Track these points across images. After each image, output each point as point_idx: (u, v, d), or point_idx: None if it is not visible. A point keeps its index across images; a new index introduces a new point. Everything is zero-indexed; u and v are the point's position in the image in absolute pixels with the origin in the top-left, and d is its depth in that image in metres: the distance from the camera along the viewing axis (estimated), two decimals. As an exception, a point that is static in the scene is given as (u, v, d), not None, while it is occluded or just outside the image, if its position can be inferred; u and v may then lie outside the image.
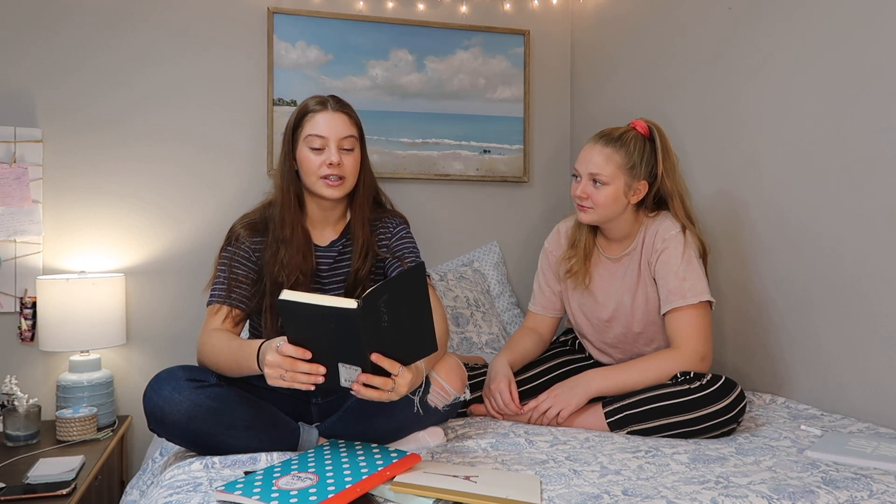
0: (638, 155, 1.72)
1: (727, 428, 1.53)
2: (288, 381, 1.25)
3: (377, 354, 1.22)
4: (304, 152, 1.61)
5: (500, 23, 2.85)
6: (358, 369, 1.24)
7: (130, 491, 1.59)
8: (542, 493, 1.15)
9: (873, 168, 1.59)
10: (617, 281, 1.82)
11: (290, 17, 2.60)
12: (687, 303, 1.66)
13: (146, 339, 2.48)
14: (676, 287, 1.68)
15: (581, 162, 1.75)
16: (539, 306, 1.96)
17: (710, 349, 1.66)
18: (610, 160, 1.71)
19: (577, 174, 1.76)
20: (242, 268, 1.61)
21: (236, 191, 2.55)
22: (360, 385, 1.24)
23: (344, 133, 1.61)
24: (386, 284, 1.19)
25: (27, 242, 2.34)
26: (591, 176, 1.72)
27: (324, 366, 1.24)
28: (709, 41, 2.12)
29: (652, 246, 1.74)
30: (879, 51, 1.58)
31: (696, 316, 1.66)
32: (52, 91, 2.38)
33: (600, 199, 1.72)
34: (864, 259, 1.62)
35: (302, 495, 1.08)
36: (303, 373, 1.24)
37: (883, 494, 1.14)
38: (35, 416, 2.05)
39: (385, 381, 1.24)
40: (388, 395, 1.26)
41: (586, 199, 1.74)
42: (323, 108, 1.62)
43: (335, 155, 1.58)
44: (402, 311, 1.21)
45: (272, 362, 1.26)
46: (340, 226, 1.72)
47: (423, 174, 2.76)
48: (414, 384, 1.32)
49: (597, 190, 1.72)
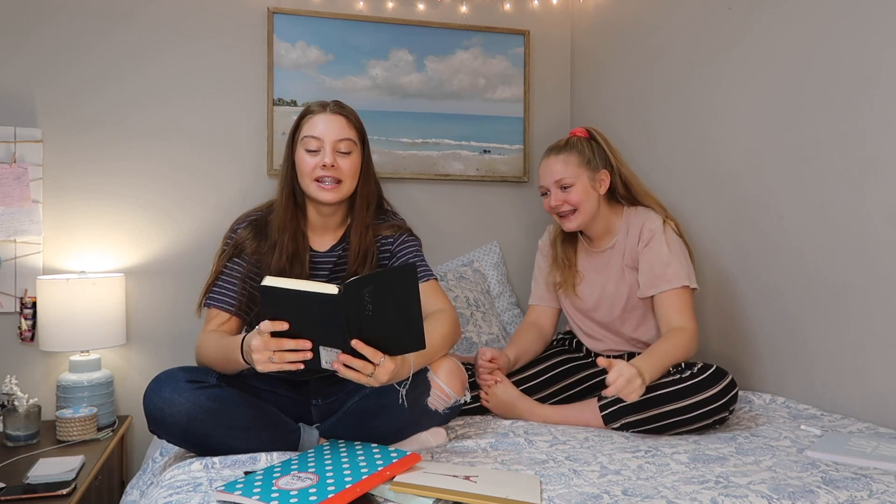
0: (588, 151, 1.87)
1: (719, 416, 1.56)
2: (277, 363, 1.25)
3: (359, 342, 1.23)
4: (300, 153, 1.61)
5: (500, 23, 2.85)
6: (338, 351, 1.25)
7: (130, 491, 1.59)
8: (542, 493, 1.15)
9: (873, 168, 1.59)
10: (601, 273, 1.91)
11: (290, 17, 2.60)
12: (672, 286, 1.75)
13: (146, 339, 2.48)
14: (661, 272, 1.77)
15: (543, 176, 1.89)
16: (538, 297, 2.05)
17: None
18: (567, 163, 1.85)
19: (545, 189, 1.89)
20: (244, 277, 1.61)
21: (236, 191, 2.55)
22: (340, 364, 1.25)
23: (340, 135, 1.60)
24: (373, 276, 1.20)
25: (27, 242, 2.34)
26: (558, 184, 1.85)
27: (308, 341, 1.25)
28: (709, 41, 2.12)
29: (638, 236, 1.83)
30: (880, 51, 1.58)
31: (683, 299, 1.75)
32: (51, 92, 2.38)
33: (574, 199, 1.83)
34: (864, 259, 1.62)
35: (302, 495, 1.08)
36: (290, 350, 1.24)
37: (883, 494, 1.14)
38: (35, 416, 2.05)
39: (364, 364, 1.25)
40: (367, 378, 1.26)
41: (563, 205, 1.85)
42: (322, 111, 1.62)
43: (329, 156, 1.58)
44: (389, 304, 1.22)
45: (257, 346, 1.26)
46: (340, 231, 1.71)
47: (423, 174, 2.76)
48: (398, 375, 1.33)
49: (567, 193, 1.84)
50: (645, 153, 2.40)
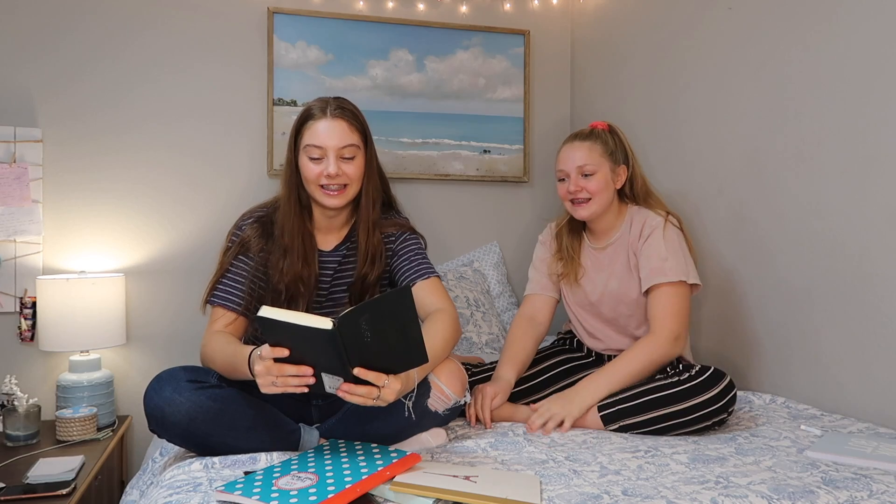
0: (612, 143, 1.85)
1: (717, 418, 1.55)
2: (280, 387, 1.26)
3: (361, 369, 1.23)
4: (303, 160, 1.60)
5: (500, 23, 2.85)
6: (341, 379, 1.25)
7: (130, 491, 1.59)
8: (542, 493, 1.15)
9: (873, 168, 1.59)
10: (603, 269, 1.88)
11: (290, 17, 2.60)
12: (666, 279, 1.72)
13: (146, 339, 2.48)
14: (658, 266, 1.74)
15: (564, 161, 1.84)
16: (538, 286, 1.96)
17: (684, 328, 1.73)
18: (592, 150, 1.82)
19: (564, 175, 1.84)
20: (250, 276, 1.61)
21: (237, 190, 2.55)
22: (345, 391, 1.25)
23: (343, 142, 1.58)
24: (368, 305, 1.19)
25: (27, 242, 2.34)
26: (580, 169, 1.81)
27: (310, 367, 1.25)
28: (709, 41, 2.12)
29: (640, 233, 1.81)
30: (880, 50, 1.58)
31: (673, 294, 1.72)
32: (51, 92, 2.38)
33: (593, 187, 1.80)
34: (864, 259, 1.62)
35: (302, 495, 1.08)
36: (292, 376, 1.25)
37: (883, 494, 1.14)
38: (35, 416, 2.05)
39: (369, 390, 1.25)
40: (373, 401, 1.26)
41: (581, 192, 1.81)
42: (322, 116, 1.59)
43: (333, 166, 1.57)
44: (387, 328, 1.21)
45: (260, 371, 1.27)
46: (345, 230, 1.71)
47: (423, 174, 2.76)
48: (403, 391, 1.33)
49: (587, 181, 1.81)
50: (645, 153, 2.40)
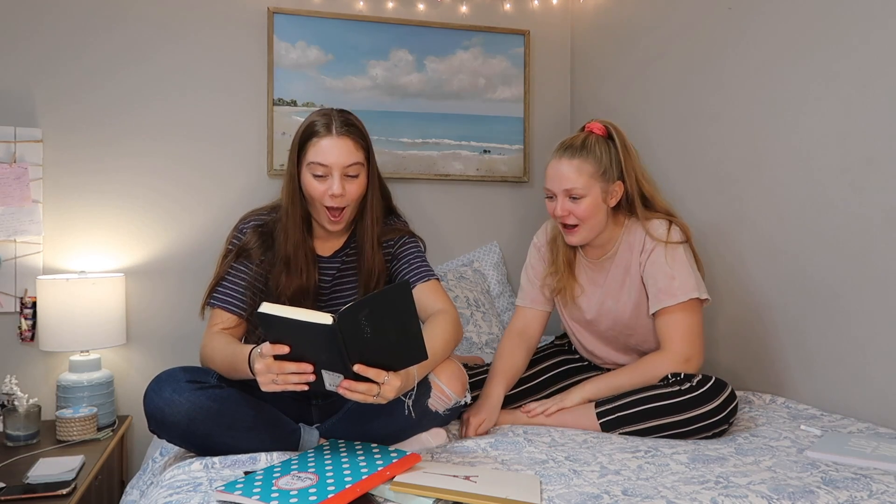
0: (606, 158, 1.67)
1: (718, 429, 1.52)
2: (280, 385, 1.26)
3: (361, 365, 1.23)
4: (307, 177, 1.59)
5: (500, 23, 2.85)
6: (341, 376, 1.25)
7: (130, 491, 1.59)
8: (542, 493, 1.15)
9: (873, 168, 1.59)
10: (599, 285, 1.79)
11: (290, 17, 2.60)
12: (676, 301, 1.64)
13: (146, 339, 2.48)
14: (666, 286, 1.65)
15: (552, 179, 1.69)
16: (529, 299, 1.87)
17: (697, 349, 1.64)
18: (581, 171, 1.65)
19: (551, 193, 1.70)
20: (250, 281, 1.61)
21: (237, 191, 2.55)
22: (345, 388, 1.25)
23: (348, 161, 1.56)
24: (367, 300, 1.18)
25: (27, 242, 2.34)
26: (567, 192, 1.67)
27: (310, 364, 1.25)
28: (709, 41, 2.12)
29: (642, 247, 1.71)
30: (880, 50, 1.58)
31: (684, 316, 1.64)
32: (51, 92, 2.38)
33: (581, 212, 1.67)
34: (863, 259, 1.62)
35: (302, 495, 1.08)
36: (293, 373, 1.25)
37: (883, 494, 1.14)
38: (35, 416, 2.05)
39: (370, 386, 1.25)
40: (374, 398, 1.26)
41: (568, 217, 1.69)
42: (327, 133, 1.56)
43: (338, 186, 1.55)
44: (387, 323, 1.21)
45: (260, 369, 1.27)
46: (345, 237, 1.71)
47: (423, 174, 2.76)
48: (403, 389, 1.33)
49: (576, 204, 1.67)
50: (645, 153, 2.39)
